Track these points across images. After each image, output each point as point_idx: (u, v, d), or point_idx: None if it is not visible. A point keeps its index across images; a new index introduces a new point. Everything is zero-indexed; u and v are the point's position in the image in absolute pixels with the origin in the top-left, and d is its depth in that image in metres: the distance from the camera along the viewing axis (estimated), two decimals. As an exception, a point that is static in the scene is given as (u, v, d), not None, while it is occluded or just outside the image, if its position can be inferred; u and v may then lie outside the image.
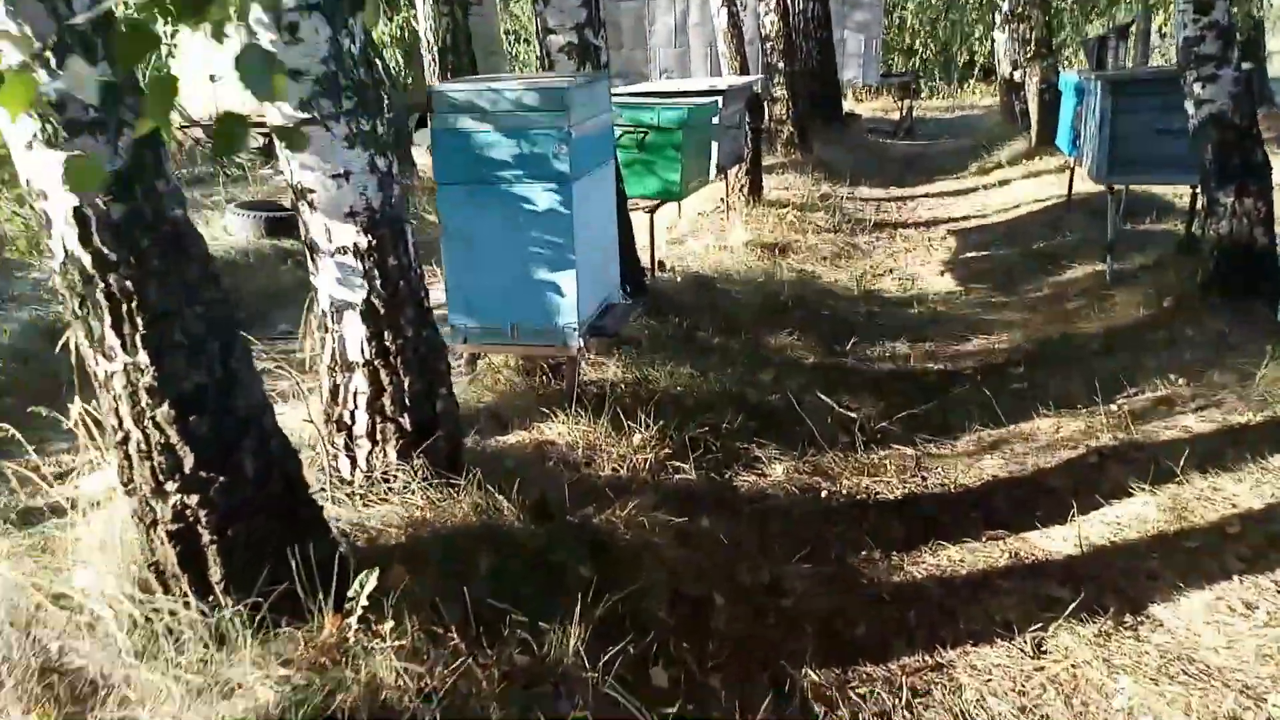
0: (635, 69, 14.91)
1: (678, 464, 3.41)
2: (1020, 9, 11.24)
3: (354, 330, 2.67)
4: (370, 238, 2.59)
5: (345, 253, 2.60)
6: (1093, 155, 5.83)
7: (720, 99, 6.38)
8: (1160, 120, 5.47)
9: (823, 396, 4.29)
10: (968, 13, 19.07)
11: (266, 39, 2.44)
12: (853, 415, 4.13)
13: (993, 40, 15.53)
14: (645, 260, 5.59)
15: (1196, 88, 4.74)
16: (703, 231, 7.30)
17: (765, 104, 10.82)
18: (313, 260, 2.67)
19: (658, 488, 3.27)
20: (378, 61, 9.04)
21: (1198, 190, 5.21)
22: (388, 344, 2.66)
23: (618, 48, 14.90)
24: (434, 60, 9.46)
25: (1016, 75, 12.83)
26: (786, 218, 7.80)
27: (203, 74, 11.36)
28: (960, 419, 4.09)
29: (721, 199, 8.05)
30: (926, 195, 10.03)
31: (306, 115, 2.47)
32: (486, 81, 3.50)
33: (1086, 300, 5.45)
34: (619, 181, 4.88)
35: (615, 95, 6.59)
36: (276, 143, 2.55)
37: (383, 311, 2.64)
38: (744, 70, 7.97)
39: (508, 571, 2.54)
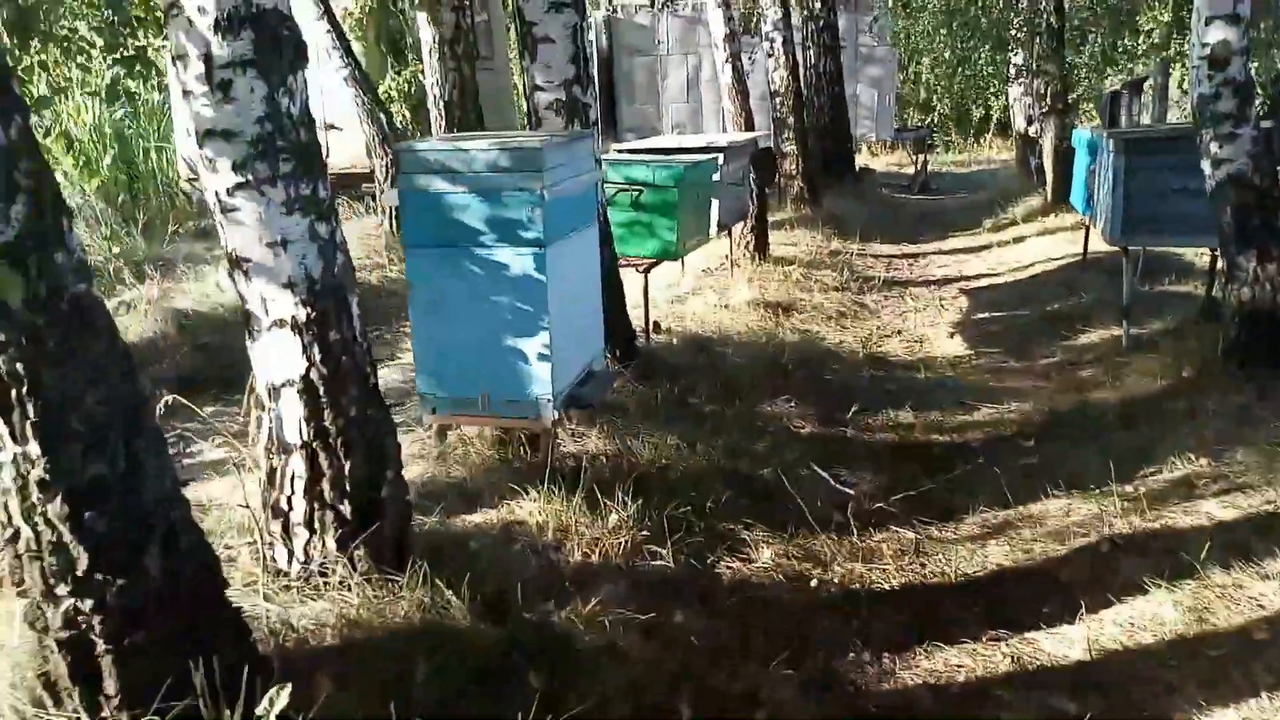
0: (648, 123, 14.89)
1: (655, 549, 3.16)
2: (1034, 64, 11.12)
3: (292, 409, 2.46)
4: (310, 310, 2.40)
5: (283, 326, 2.41)
6: (1106, 215, 5.61)
7: (721, 155, 6.23)
8: (1177, 179, 5.25)
9: (818, 470, 4.05)
10: (982, 68, 19.04)
11: (200, 93, 2.28)
12: (849, 492, 3.89)
13: (1007, 95, 15.44)
14: (640, 321, 5.40)
15: (1213, 147, 4.53)
16: (705, 290, 7.11)
17: (777, 159, 10.74)
18: (249, 333, 2.48)
19: (631, 576, 3.02)
20: (382, 116, 8.99)
21: (1217, 252, 4.97)
22: (328, 424, 2.45)
23: (630, 102, 14.92)
24: (440, 115, 9.40)
25: (1031, 130, 12.69)
26: (793, 275, 7.60)
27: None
28: (965, 498, 3.83)
29: (726, 257, 7.87)
30: (939, 252, 9.82)
31: (240, 179, 2.30)
32: (457, 140, 3.33)
33: (1102, 367, 5.19)
34: (609, 241, 4.71)
35: (616, 151, 6.47)
36: (212, 206, 2.37)
37: (323, 390, 2.44)
38: (749, 126, 7.85)
39: (450, 679, 2.30)
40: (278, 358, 2.44)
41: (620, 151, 6.41)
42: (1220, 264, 4.85)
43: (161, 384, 4.47)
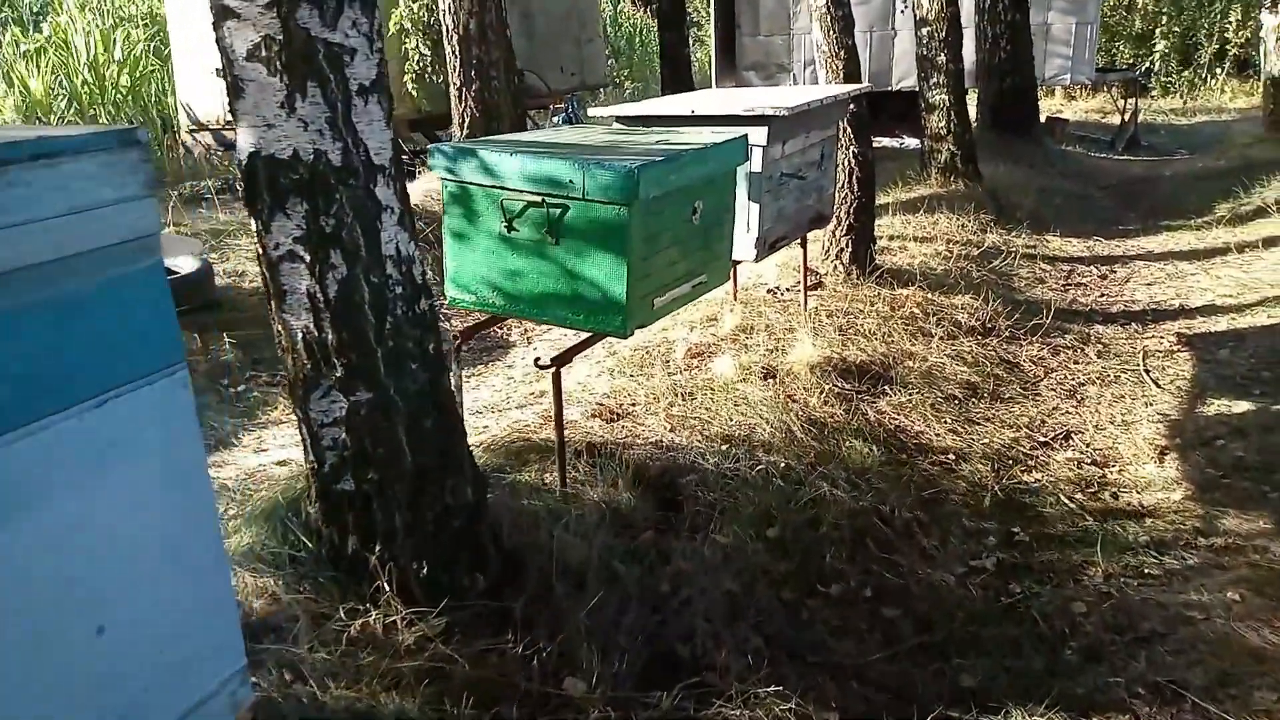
0: (774, 60, 12.07)
1: None
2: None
3: None
4: None
5: None
6: None
7: (761, 130, 3.64)
8: None
9: None
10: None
11: None
12: None
13: (1258, 23, 11.65)
14: (523, 441, 2.96)
15: None
16: (755, 333, 4.56)
17: (922, 113, 7.88)
18: None
19: None
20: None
21: None
22: None
23: (753, 34, 12.12)
24: (454, 54, 7.09)
25: (1296, 75, 9.16)
26: (904, 307, 4.91)
27: (209, 69, 9.56)
28: None
29: (811, 271, 5.26)
30: (1148, 256, 6.78)
31: None
32: None
33: None
34: (429, 326, 2.29)
35: (615, 118, 3.98)
36: None
37: None
38: (851, 73, 5.11)
39: None
40: None
41: (608, 119, 3.93)
42: None
43: None
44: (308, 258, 2.09)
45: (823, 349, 4.30)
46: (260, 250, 2.13)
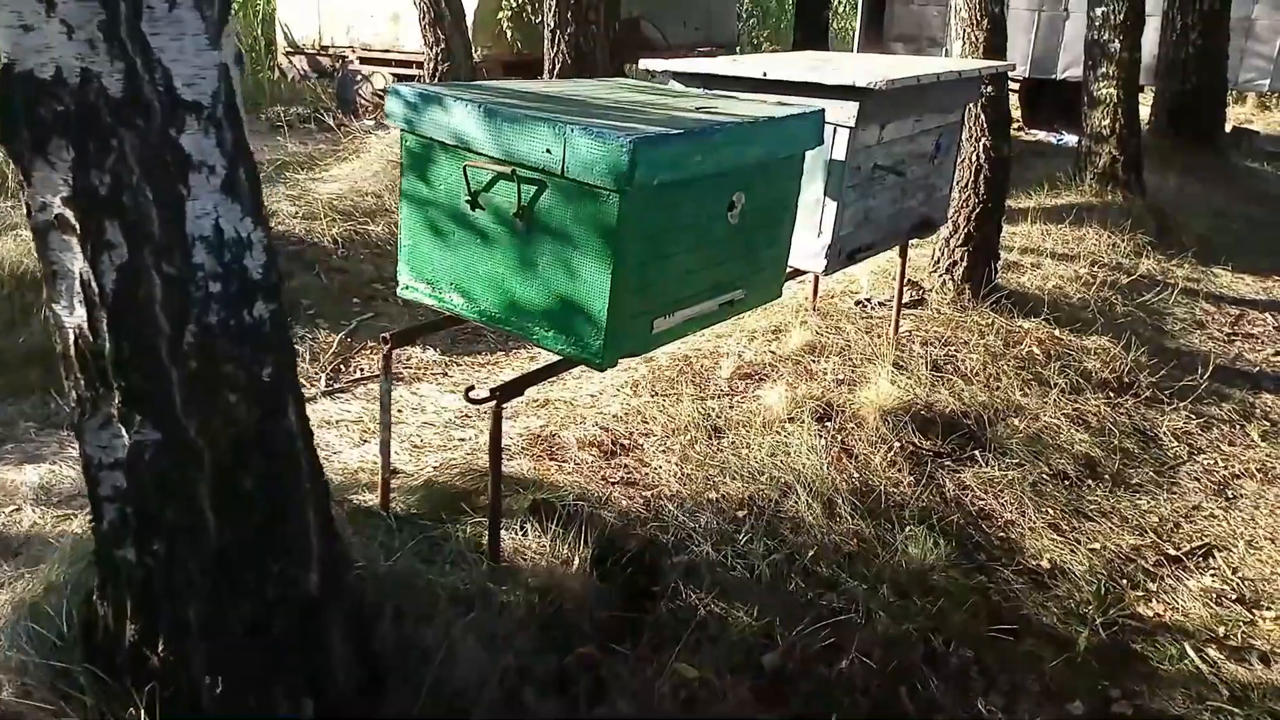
0: (926, 32, 10.89)
1: None
2: None
3: None
4: None
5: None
6: None
7: (851, 107, 2.79)
8: None
9: None
10: None
11: None
12: None
13: None
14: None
15: None
16: (828, 355, 3.72)
17: (1084, 107, 6.75)
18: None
19: None
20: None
21: None
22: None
23: (907, 0, 10.97)
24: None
25: None
26: (1021, 344, 3.99)
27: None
28: None
29: (913, 285, 4.38)
30: (1340, 307, 5.56)
31: None
32: None
33: None
34: (271, 327, 1.59)
35: (670, 75, 3.19)
36: None
37: None
38: (993, 48, 4.15)
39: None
40: None
41: (670, 75, 3.15)
42: None
43: None
44: (79, 228, 1.42)
45: (905, 389, 3.45)
46: (25, 210, 1.47)
